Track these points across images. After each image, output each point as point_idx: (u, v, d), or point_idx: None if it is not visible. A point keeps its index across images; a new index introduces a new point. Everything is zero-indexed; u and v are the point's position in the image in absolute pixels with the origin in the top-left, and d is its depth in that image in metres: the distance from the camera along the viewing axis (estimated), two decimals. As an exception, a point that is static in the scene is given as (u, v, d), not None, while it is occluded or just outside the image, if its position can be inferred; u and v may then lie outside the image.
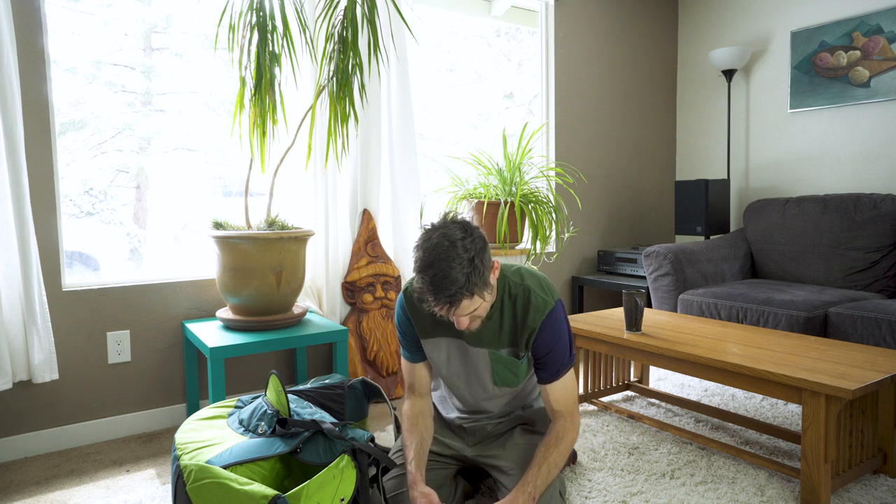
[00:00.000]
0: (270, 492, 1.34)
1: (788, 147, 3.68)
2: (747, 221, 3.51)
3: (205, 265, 2.67)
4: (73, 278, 2.37)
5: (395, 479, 1.62)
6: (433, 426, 1.71)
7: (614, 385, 2.67)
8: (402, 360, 1.74)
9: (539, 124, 3.66)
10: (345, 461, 1.47)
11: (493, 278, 1.48)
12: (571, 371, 1.64)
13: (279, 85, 2.28)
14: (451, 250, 1.38)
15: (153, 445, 2.31)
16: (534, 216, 2.90)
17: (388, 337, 2.79)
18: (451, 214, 1.48)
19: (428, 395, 1.73)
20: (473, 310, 1.44)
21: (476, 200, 2.98)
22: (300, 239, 2.32)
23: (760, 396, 2.68)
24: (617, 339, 2.22)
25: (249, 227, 2.32)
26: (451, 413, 1.78)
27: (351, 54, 2.33)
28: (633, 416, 2.38)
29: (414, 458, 1.58)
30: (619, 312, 2.67)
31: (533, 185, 3.04)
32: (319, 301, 2.74)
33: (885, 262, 2.94)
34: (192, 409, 2.50)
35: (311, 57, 2.49)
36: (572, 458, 2.02)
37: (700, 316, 2.78)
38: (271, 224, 2.33)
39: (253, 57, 2.23)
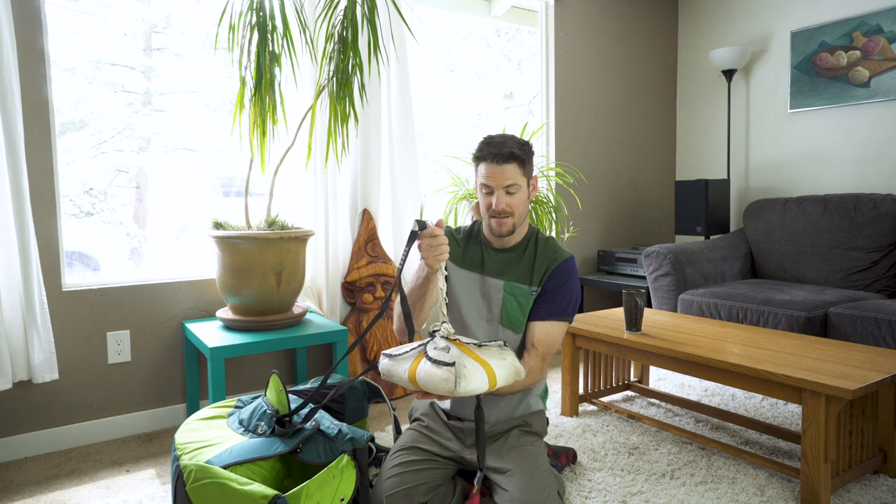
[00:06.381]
0: (270, 492, 1.34)
1: (788, 147, 3.68)
2: (747, 221, 3.50)
3: (205, 265, 2.67)
4: (73, 278, 2.37)
5: (393, 479, 1.62)
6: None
7: (614, 385, 2.67)
8: None
9: (539, 124, 3.66)
10: (345, 461, 1.47)
11: (533, 190, 1.75)
12: (564, 327, 1.76)
13: (279, 85, 2.28)
14: (512, 138, 1.72)
15: (153, 445, 2.31)
16: (533, 216, 2.90)
17: (388, 337, 2.79)
18: None
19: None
20: (513, 184, 1.66)
21: (476, 200, 2.98)
22: (300, 239, 2.32)
23: (760, 396, 2.68)
24: (617, 339, 2.22)
25: (249, 227, 2.32)
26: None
27: (351, 54, 2.33)
28: (633, 416, 2.38)
29: None
30: (619, 312, 2.67)
31: (533, 185, 3.03)
32: (319, 301, 2.74)
33: (885, 262, 2.94)
34: (192, 409, 2.50)
35: (311, 57, 2.49)
36: (572, 458, 2.02)
37: (700, 316, 2.78)
38: (271, 224, 2.33)
39: (253, 57, 2.23)
